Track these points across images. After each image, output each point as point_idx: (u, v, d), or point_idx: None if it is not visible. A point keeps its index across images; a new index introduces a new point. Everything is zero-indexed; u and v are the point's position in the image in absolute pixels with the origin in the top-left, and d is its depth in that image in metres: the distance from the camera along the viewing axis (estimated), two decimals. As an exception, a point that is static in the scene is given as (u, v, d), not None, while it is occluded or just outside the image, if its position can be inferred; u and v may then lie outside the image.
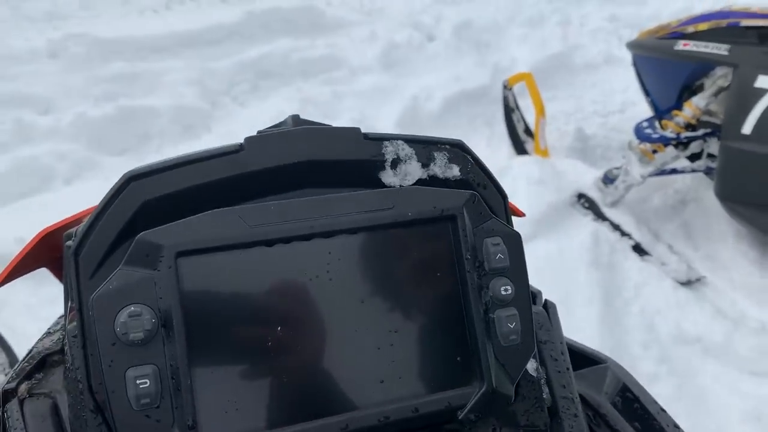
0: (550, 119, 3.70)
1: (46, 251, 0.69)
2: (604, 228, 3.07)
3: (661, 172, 3.16)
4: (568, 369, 0.67)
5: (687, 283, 2.84)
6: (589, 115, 4.20)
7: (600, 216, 3.15)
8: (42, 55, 4.49)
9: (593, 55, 4.88)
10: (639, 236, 3.04)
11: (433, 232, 0.58)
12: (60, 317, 0.73)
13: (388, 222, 0.56)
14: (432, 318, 0.57)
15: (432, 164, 0.61)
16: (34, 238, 0.67)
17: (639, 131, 3.11)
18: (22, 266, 0.69)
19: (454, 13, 5.34)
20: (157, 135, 3.94)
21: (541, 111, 3.51)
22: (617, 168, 3.24)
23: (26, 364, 0.63)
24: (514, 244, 0.59)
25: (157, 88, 4.27)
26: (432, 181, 0.61)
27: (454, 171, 0.61)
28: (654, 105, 3.34)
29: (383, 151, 0.59)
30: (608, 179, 3.23)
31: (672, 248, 3.02)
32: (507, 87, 3.72)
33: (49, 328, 0.70)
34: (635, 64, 3.36)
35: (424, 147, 0.61)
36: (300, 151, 0.57)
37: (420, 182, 0.60)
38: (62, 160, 3.59)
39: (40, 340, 0.68)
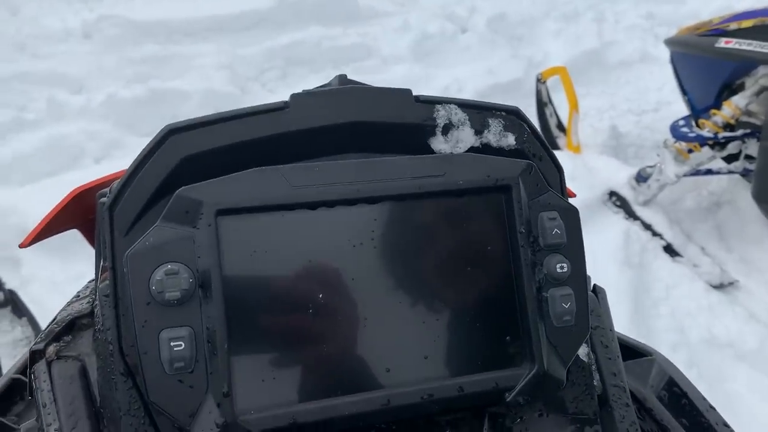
0: (582, 116, 3.64)
1: (78, 211, 0.67)
2: (635, 227, 3.01)
3: (696, 173, 3.08)
4: (618, 357, 0.63)
5: (719, 287, 2.77)
6: (622, 113, 4.12)
7: (631, 215, 3.09)
8: (76, 35, 4.53)
9: (628, 52, 4.79)
10: (671, 237, 2.97)
11: (485, 202, 0.54)
12: (90, 281, 0.71)
13: (439, 190, 0.53)
14: (480, 294, 0.53)
15: (486, 131, 0.57)
16: (65, 197, 0.64)
17: (675, 130, 3.04)
18: (53, 226, 0.67)
19: (488, 6, 5.27)
20: (186, 118, 3.94)
21: (574, 106, 3.44)
22: (651, 167, 3.17)
23: (55, 326, 0.61)
24: (572, 219, 0.55)
25: (188, 71, 4.28)
26: (485, 149, 0.57)
27: (509, 140, 0.58)
28: (691, 103, 3.25)
29: (435, 116, 0.56)
30: (641, 178, 3.16)
31: (705, 250, 2.95)
32: (540, 80, 3.65)
33: (78, 292, 0.68)
34: (673, 61, 3.28)
35: (479, 112, 0.57)
36: (346, 111, 0.54)
37: (472, 150, 0.57)
38: (92, 139, 3.62)
39: (69, 304, 0.66)
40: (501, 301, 0.54)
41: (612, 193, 3.19)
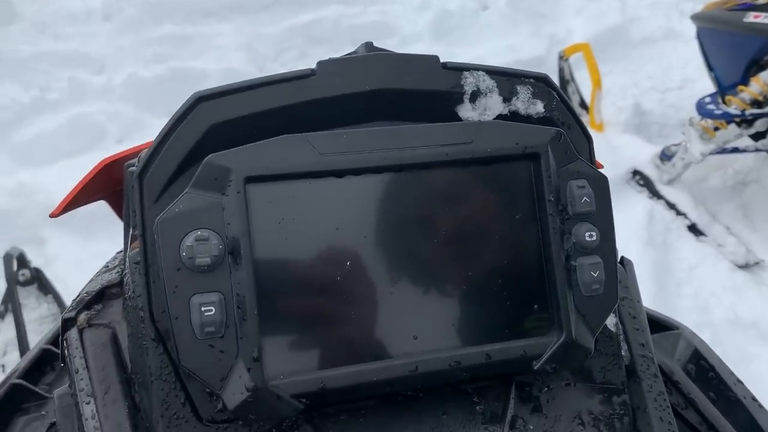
0: (605, 94, 3.58)
1: (106, 182, 0.68)
2: (659, 206, 2.97)
3: (722, 151, 3.02)
4: (646, 328, 0.63)
5: (745, 266, 2.73)
6: (646, 91, 4.05)
7: (655, 194, 3.05)
8: (97, 16, 4.54)
9: (652, 29, 4.69)
10: (695, 216, 2.93)
11: (513, 170, 0.54)
12: (118, 253, 0.71)
13: (467, 157, 0.52)
14: (508, 262, 0.53)
15: (514, 99, 0.56)
16: (94, 168, 0.65)
17: (701, 107, 2.98)
18: (82, 196, 0.67)
19: (509, -17, 5.19)
20: (208, 96, 3.95)
21: (597, 83, 3.39)
22: (675, 145, 3.12)
23: (85, 295, 0.62)
24: (601, 187, 0.55)
25: (207, 51, 4.28)
26: (513, 117, 0.57)
27: (538, 107, 0.57)
28: (717, 80, 3.19)
29: (462, 83, 0.55)
30: (665, 156, 3.12)
31: (730, 230, 2.90)
32: (563, 58, 3.60)
33: (107, 263, 0.69)
34: (699, 37, 3.21)
35: (507, 80, 0.56)
36: (373, 78, 0.54)
37: (500, 118, 0.56)
38: (113, 119, 3.64)
39: (98, 274, 0.67)
40: (529, 269, 0.53)
41: (635, 172, 3.15)
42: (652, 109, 3.82)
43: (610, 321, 0.58)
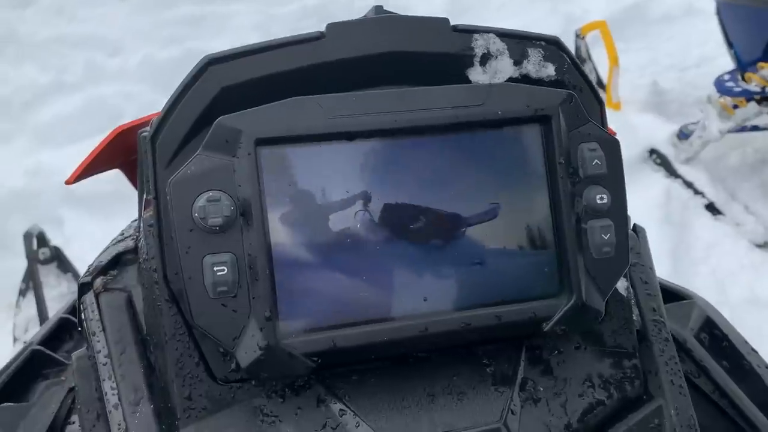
0: (623, 72, 3.53)
1: (120, 151, 0.69)
2: (676, 185, 2.94)
3: (741, 129, 2.99)
4: (658, 294, 0.63)
5: (763, 245, 2.70)
6: (664, 69, 3.99)
7: (672, 173, 3.02)
8: (112, -3, 4.55)
9: (671, 5, 4.62)
10: (713, 195, 2.90)
11: (524, 133, 0.53)
12: (133, 221, 0.72)
13: (477, 120, 0.52)
14: (518, 225, 0.53)
15: (525, 61, 0.56)
16: (107, 136, 0.66)
17: (720, 84, 2.94)
18: (96, 164, 0.68)
19: (526, -40, 5.12)
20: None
21: (615, 61, 3.35)
22: (693, 123, 3.08)
23: (101, 260, 0.62)
24: (612, 150, 0.54)
25: (222, 31, 4.28)
26: (524, 80, 0.56)
27: (549, 70, 0.57)
28: (737, 57, 3.13)
29: (473, 45, 0.55)
30: (683, 135, 3.09)
31: (748, 209, 2.87)
32: (579, 36, 3.56)
33: (122, 231, 0.70)
34: (719, 12, 3.16)
35: (518, 42, 0.56)
36: (383, 40, 0.54)
37: (511, 81, 0.56)
38: (130, 100, 3.66)
39: (114, 241, 0.68)
40: (539, 232, 0.53)
41: (652, 151, 3.12)
42: (670, 87, 3.77)
43: (621, 285, 0.58)
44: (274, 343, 0.47)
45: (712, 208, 2.86)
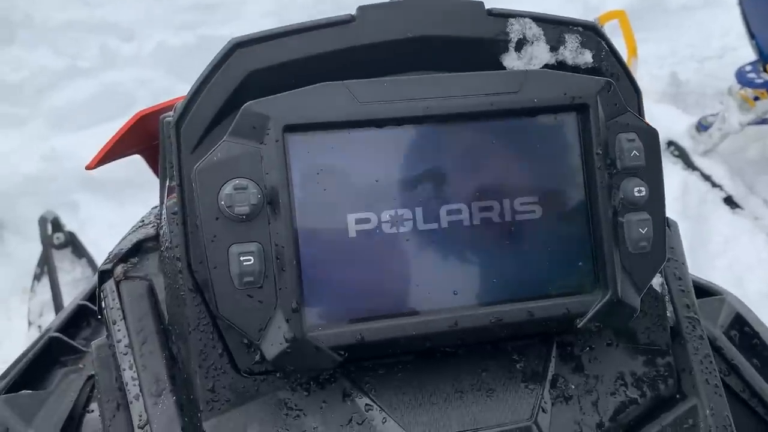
0: (641, 62, 3.49)
1: (141, 136, 0.68)
2: (694, 177, 2.91)
3: (762, 122, 2.94)
4: (691, 290, 0.61)
5: (782, 240, 2.67)
6: (684, 60, 3.93)
7: (690, 165, 2.98)
8: (126, -17, 4.53)
9: (692, -5, 4.55)
10: (731, 188, 2.86)
11: (561, 122, 0.52)
12: (153, 208, 0.71)
13: (512, 107, 0.50)
14: (553, 217, 0.51)
15: (562, 48, 0.54)
16: (129, 121, 0.64)
17: (741, 75, 2.89)
18: (117, 149, 0.67)
19: (543, -52, 5.05)
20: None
21: (633, 52, 3.30)
22: (713, 115, 3.04)
23: (122, 248, 0.61)
24: (651, 141, 0.53)
25: (236, 18, 4.25)
26: (560, 67, 0.54)
27: (586, 57, 0.55)
28: (759, 48, 3.07)
29: (508, 30, 0.53)
30: (702, 127, 3.04)
31: (767, 202, 2.83)
32: (597, 25, 3.51)
33: (142, 218, 0.69)
34: (741, 3, 3.09)
35: (554, 27, 0.54)
36: (415, 24, 0.52)
37: (547, 68, 0.54)
38: (144, 86, 3.65)
39: (135, 228, 0.67)
40: (574, 225, 0.52)
41: (670, 143, 3.08)
42: (689, 78, 3.72)
43: (656, 281, 0.57)
44: (301, 335, 0.46)
45: (730, 201, 2.82)
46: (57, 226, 2.20)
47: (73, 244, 2.25)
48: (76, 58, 3.86)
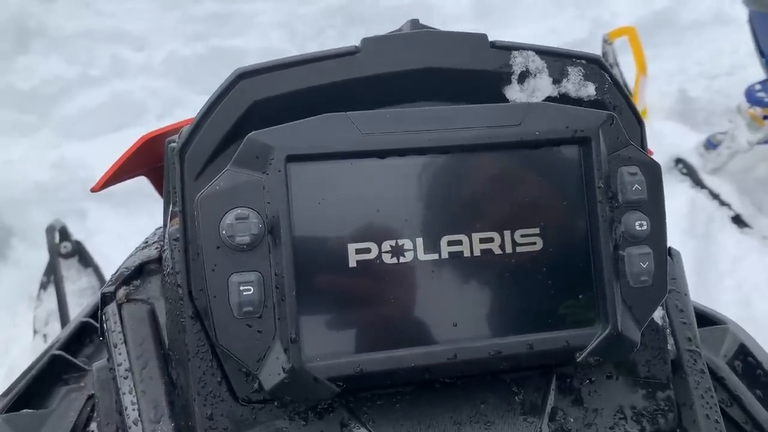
0: (650, 79, 3.49)
1: (147, 158, 0.68)
2: (701, 196, 2.89)
3: (771, 141, 2.93)
4: (693, 323, 0.61)
5: (791, 261, 2.65)
6: (693, 77, 3.93)
7: (698, 183, 2.97)
8: (139, -8, 4.58)
9: (702, 12, 4.54)
10: (740, 207, 2.84)
11: (562, 155, 0.52)
12: (157, 228, 0.71)
13: (514, 140, 0.50)
14: (553, 250, 0.51)
15: (564, 80, 0.54)
16: (135, 143, 0.65)
17: (750, 94, 2.88)
18: (122, 171, 0.68)
19: (553, -37, 5.07)
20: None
21: (642, 69, 3.30)
22: (722, 133, 3.03)
23: (124, 270, 0.62)
24: (653, 175, 0.53)
25: (247, 29, 4.29)
26: (563, 99, 0.55)
27: (589, 90, 0.55)
28: (769, 67, 3.07)
29: (511, 62, 0.54)
30: (711, 145, 3.03)
31: (776, 222, 2.82)
32: (607, 41, 3.51)
33: (146, 239, 0.69)
34: (751, 21, 3.09)
35: (557, 60, 0.54)
36: (419, 56, 0.52)
37: (549, 100, 0.54)
38: (154, 96, 3.68)
39: (138, 250, 0.67)
40: (575, 258, 0.52)
41: (678, 160, 3.07)
42: (698, 95, 3.71)
43: (657, 314, 0.56)
44: (299, 366, 0.46)
45: (738, 220, 2.81)
46: (64, 234, 2.21)
47: (80, 253, 2.26)
48: (88, 67, 3.90)
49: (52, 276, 2.16)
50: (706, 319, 0.78)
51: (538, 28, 4.29)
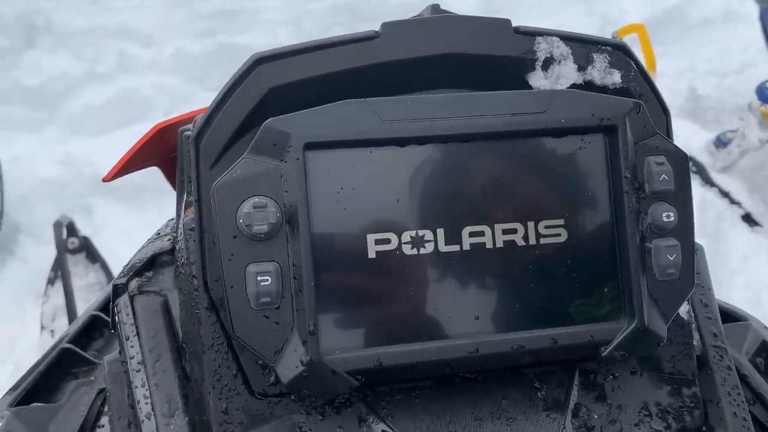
0: (659, 76, 3.46)
1: (159, 148, 0.67)
2: (711, 194, 2.87)
3: (783, 139, 2.90)
4: (718, 318, 0.59)
5: (802, 259, 2.62)
6: (702, 75, 3.90)
7: (708, 181, 2.95)
8: (146, -11, 4.57)
9: (711, 9, 4.51)
10: (750, 205, 2.82)
11: (588, 143, 0.50)
12: (170, 220, 0.70)
13: (539, 128, 0.49)
14: (578, 242, 0.50)
15: (590, 67, 0.53)
16: (147, 132, 0.64)
17: (761, 92, 2.86)
18: (135, 161, 0.66)
19: (562, -40, 5.04)
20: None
21: (652, 67, 3.27)
22: (732, 131, 3.00)
23: (137, 261, 0.60)
24: (680, 165, 0.51)
25: (254, 26, 4.28)
26: (588, 87, 0.53)
27: (615, 77, 0.53)
28: (780, 64, 3.05)
29: (535, 48, 0.52)
30: (721, 143, 3.01)
31: (787, 221, 2.79)
32: (616, 39, 3.49)
33: (158, 230, 0.68)
34: (762, 18, 3.07)
35: (582, 46, 0.53)
36: (440, 41, 0.51)
37: (574, 88, 0.53)
38: (161, 92, 3.68)
39: (150, 241, 0.66)
40: (600, 250, 0.50)
41: (688, 159, 3.05)
42: (707, 93, 3.68)
43: (683, 308, 0.55)
44: (317, 358, 0.45)
45: (748, 218, 2.78)
46: (72, 230, 2.21)
47: (87, 248, 2.26)
48: (95, 64, 3.89)
49: (60, 271, 2.16)
50: (727, 316, 0.77)
51: (546, 25, 4.25)
